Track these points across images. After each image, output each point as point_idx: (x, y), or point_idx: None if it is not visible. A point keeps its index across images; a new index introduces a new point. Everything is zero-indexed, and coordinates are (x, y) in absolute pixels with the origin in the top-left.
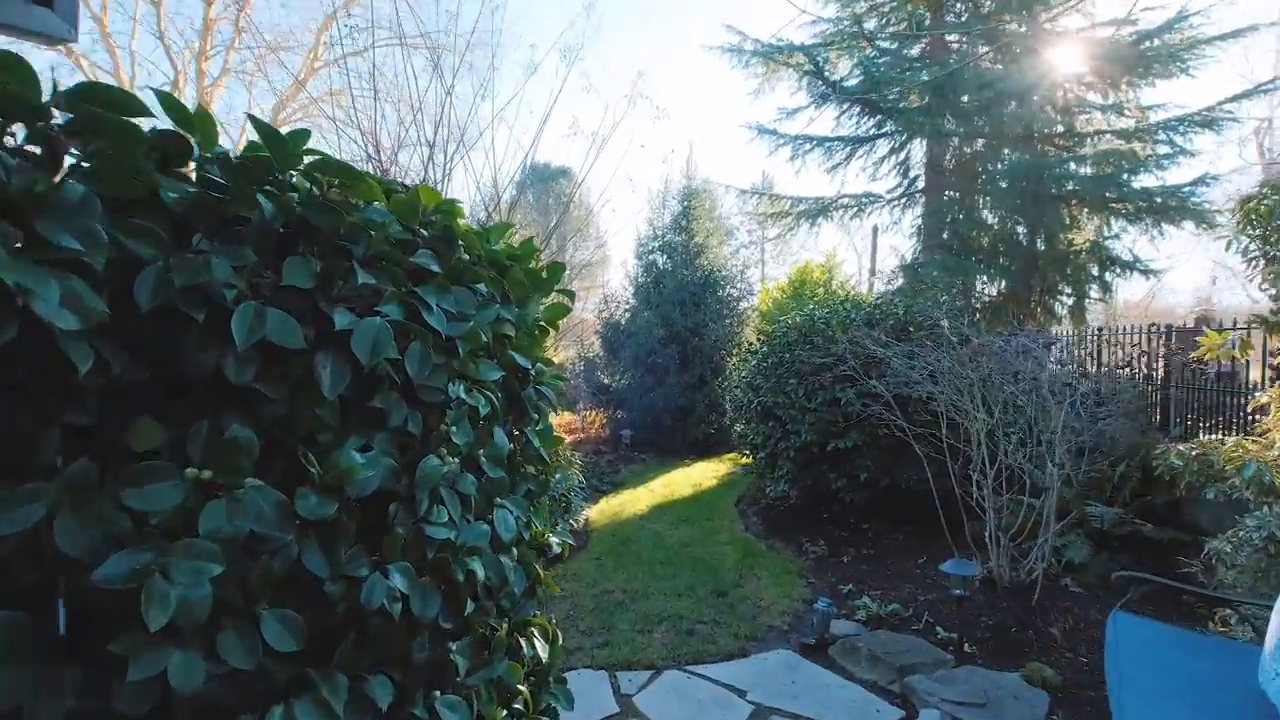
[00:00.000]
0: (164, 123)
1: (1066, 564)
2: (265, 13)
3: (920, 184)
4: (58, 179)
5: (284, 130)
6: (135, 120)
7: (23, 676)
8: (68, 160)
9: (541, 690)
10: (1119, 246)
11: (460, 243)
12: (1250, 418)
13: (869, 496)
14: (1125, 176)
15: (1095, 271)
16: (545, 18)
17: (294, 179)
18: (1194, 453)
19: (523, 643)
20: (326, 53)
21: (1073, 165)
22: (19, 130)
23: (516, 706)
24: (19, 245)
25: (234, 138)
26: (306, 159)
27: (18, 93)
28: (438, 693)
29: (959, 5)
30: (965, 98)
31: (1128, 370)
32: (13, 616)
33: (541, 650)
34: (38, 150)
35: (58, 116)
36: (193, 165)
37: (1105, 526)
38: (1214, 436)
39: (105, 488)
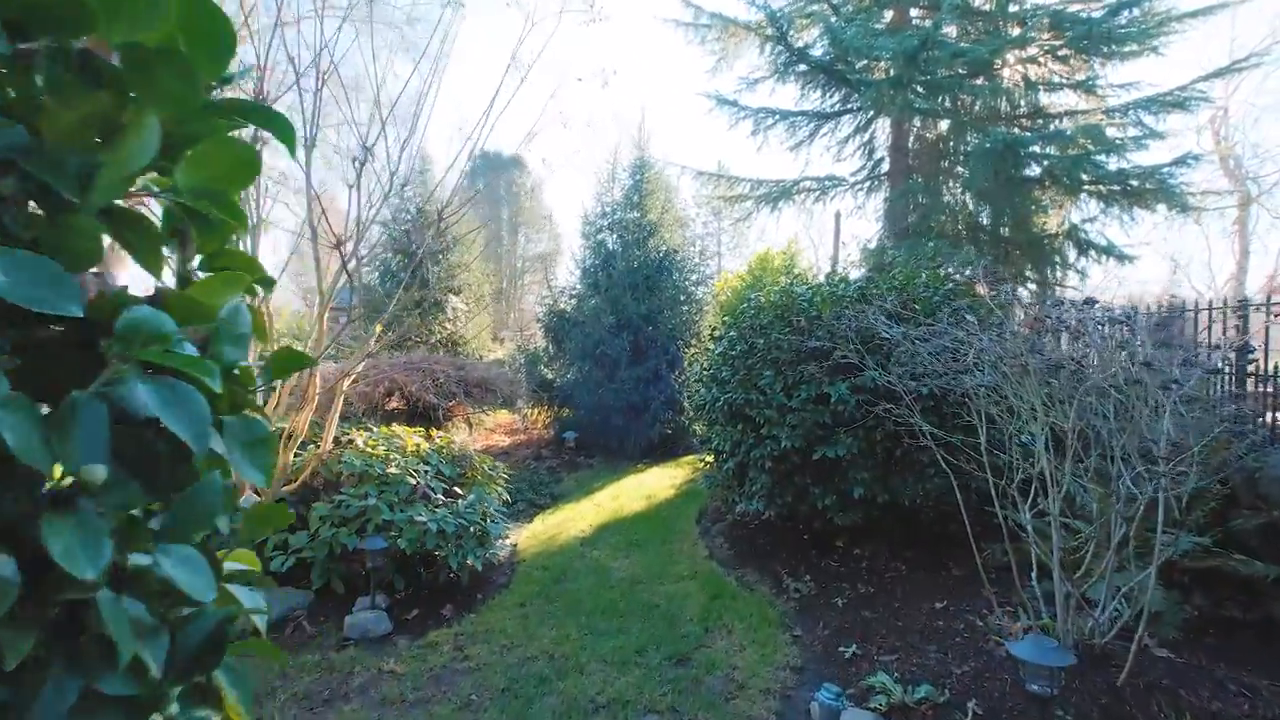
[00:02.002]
0: None
1: (1137, 613)
2: None
3: (885, 166)
4: None
5: None
6: None
7: None
8: None
9: None
10: (1092, 230)
11: None
12: None
13: (863, 516)
14: (1101, 157)
15: (1070, 257)
16: None
17: None
18: None
19: None
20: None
21: (1045, 146)
22: None
23: None
24: None
25: None
26: None
27: None
28: None
29: None
30: (940, 71)
31: (1254, 358)
32: None
33: None
34: None
35: None
36: None
37: (1174, 557)
38: None
39: None
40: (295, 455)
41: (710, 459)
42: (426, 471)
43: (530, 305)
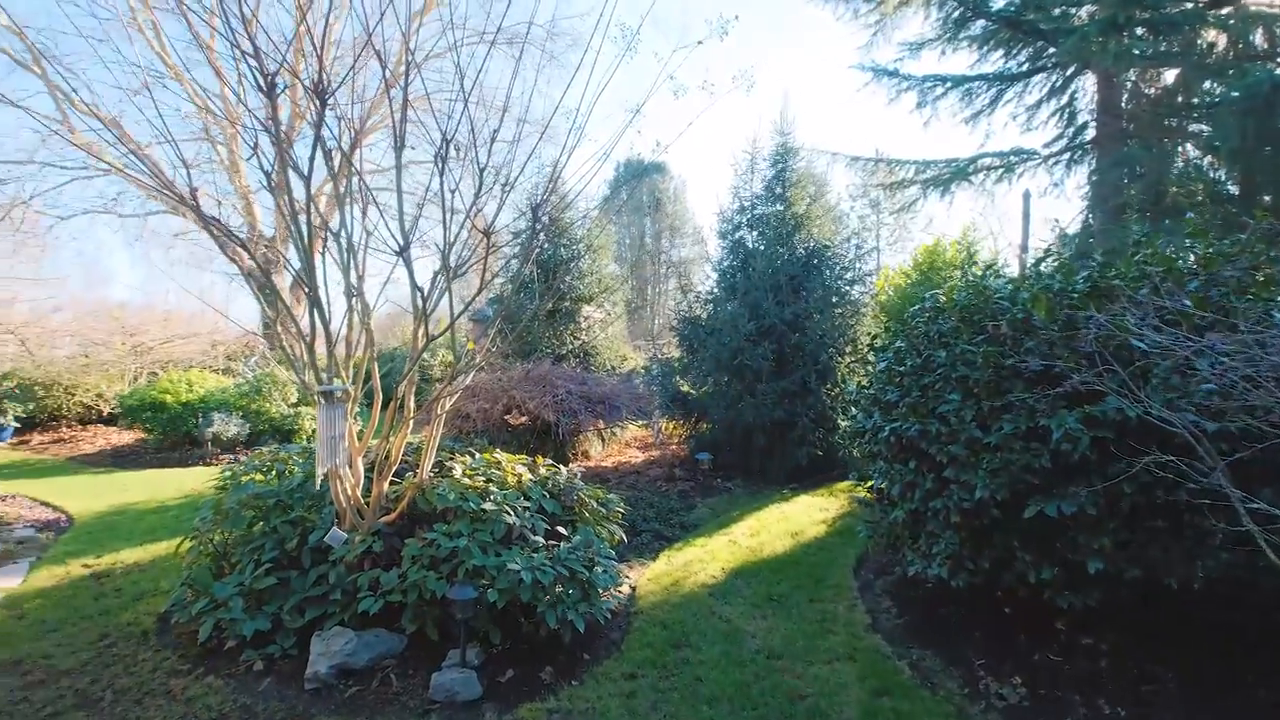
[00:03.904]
0: None
1: None
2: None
3: (1090, 132)
4: None
5: None
6: None
7: None
8: None
9: None
10: None
11: None
12: None
13: (1102, 596)
14: None
15: None
16: None
17: None
18: None
19: None
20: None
21: None
22: None
23: None
24: None
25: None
26: None
27: None
28: None
29: None
30: (1168, 4)
31: None
32: None
33: None
34: None
35: None
36: None
37: None
38: None
39: None
40: (391, 484)
41: (867, 493)
42: (527, 508)
43: (671, 312)
